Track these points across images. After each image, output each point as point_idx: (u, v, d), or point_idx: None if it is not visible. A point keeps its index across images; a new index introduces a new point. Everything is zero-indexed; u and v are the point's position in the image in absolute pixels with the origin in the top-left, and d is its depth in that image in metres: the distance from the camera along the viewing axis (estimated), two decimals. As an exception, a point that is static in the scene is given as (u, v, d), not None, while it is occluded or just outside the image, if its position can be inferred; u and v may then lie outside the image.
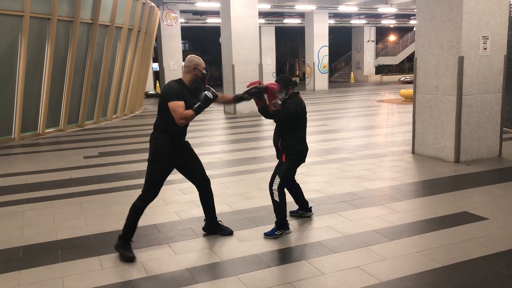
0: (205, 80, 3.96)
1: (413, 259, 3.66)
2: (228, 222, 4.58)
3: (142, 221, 4.74)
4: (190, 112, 3.77)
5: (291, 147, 4.20)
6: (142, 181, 6.43)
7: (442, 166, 6.74)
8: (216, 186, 6.07)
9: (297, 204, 4.70)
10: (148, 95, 24.21)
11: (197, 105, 3.80)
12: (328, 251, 3.86)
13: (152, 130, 3.96)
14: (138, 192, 5.83)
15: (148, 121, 14.04)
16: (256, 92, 4.09)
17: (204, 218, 4.35)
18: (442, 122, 7.02)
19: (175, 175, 6.68)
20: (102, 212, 5.12)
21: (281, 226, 4.20)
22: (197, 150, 8.61)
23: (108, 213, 5.09)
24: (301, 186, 5.81)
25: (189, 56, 4.02)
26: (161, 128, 3.88)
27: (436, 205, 4.97)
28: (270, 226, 4.49)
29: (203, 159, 7.77)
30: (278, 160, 4.32)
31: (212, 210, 4.28)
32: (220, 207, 5.13)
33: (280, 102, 4.16)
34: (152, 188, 3.91)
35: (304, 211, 4.71)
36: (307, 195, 5.45)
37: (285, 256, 3.81)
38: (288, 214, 4.53)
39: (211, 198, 4.28)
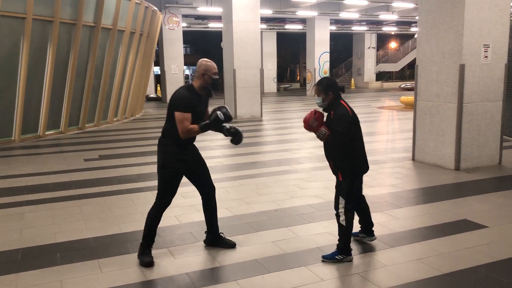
0: (217, 86, 3.78)
1: (413, 267, 3.65)
2: (228, 227, 4.57)
3: (143, 225, 4.72)
4: (195, 127, 3.64)
5: (345, 164, 3.68)
6: (142, 184, 6.47)
7: (442, 173, 6.73)
8: (216, 191, 6.05)
9: (360, 224, 4.15)
10: (149, 99, 24.23)
11: (204, 123, 3.65)
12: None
13: (159, 135, 3.82)
14: (138, 195, 5.90)
15: (149, 125, 14.05)
16: (233, 133, 3.80)
17: (206, 230, 4.14)
18: (442, 130, 7.03)
19: (175, 179, 6.69)
20: (102, 215, 5.12)
21: (343, 251, 3.75)
22: (197, 154, 8.66)
23: (108, 216, 5.08)
24: (301, 191, 5.86)
25: (200, 60, 3.79)
26: (169, 134, 3.73)
27: (436, 213, 4.96)
28: (271, 232, 4.48)
29: (203, 164, 7.83)
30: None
31: (214, 221, 4.08)
32: (221, 212, 5.10)
33: (324, 131, 3.63)
34: (165, 195, 3.79)
35: (365, 234, 4.14)
36: (306, 201, 5.46)
37: (284, 262, 3.79)
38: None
39: (214, 206, 4.07)
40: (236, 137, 3.86)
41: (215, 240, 4.11)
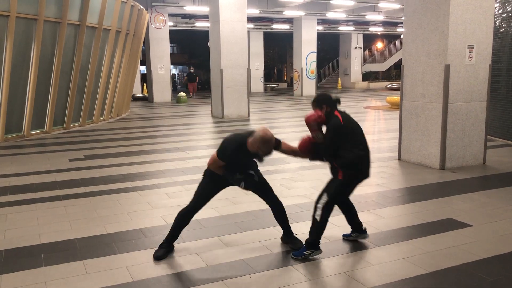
0: (262, 161, 3.91)
1: (399, 266, 3.68)
2: (215, 227, 4.56)
3: (128, 225, 4.71)
4: (220, 165, 3.81)
5: (348, 163, 3.74)
6: (127, 184, 6.42)
7: (427, 173, 6.80)
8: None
9: (349, 224, 4.20)
10: (135, 98, 24.08)
11: (228, 173, 3.81)
12: (315, 257, 3.86)
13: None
14: (124, 195, 5.86)
15: (135, 124, 13.94)
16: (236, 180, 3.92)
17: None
18: (428, 130, 7.09)
19: (161, 179, 6.65)
20: (87, 216, 5.06)
21: (311, 246, 3.81)
22: (184, 154, 8.63)
23: (93, 216, 5.03)
24: (287, 191, 5.87)
25: (264, 130, 3.71)
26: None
27: (422, 212, 5.01)
28: (258, 232, 4.48)
29: (190, 164, 7.80)
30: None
31: (285, 224, 4.14)
32: (207, 212, 5.10)
33: (320, 136, 3.86)
34: (195, 198, 3.96)
35: (358, 233, 4.19)
36: (293, 201, 5.48)
37: (271, 262, 3.79)
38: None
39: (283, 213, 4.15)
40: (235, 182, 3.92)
41: (286, 238, 4.20)
